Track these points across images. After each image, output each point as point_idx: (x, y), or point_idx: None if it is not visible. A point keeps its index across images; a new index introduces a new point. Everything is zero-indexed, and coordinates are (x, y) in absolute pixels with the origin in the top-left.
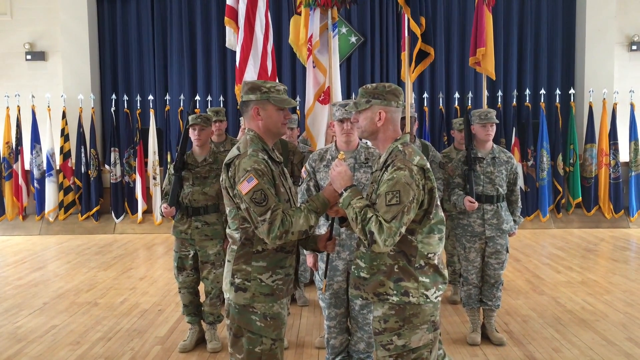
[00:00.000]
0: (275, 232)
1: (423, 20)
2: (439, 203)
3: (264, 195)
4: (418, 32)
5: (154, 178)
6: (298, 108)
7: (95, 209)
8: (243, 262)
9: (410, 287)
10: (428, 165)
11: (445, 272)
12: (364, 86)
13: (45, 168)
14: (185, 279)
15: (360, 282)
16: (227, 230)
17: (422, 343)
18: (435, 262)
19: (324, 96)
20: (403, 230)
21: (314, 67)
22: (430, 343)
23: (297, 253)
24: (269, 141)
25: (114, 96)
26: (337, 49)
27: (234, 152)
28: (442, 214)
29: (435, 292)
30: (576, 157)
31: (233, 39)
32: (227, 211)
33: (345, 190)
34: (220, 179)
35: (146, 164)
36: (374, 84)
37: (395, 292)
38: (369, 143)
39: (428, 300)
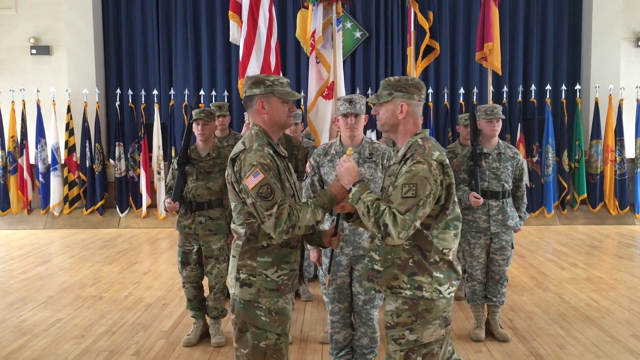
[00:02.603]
0: (282, 226)
1: (431, 15)
2: (456, 199)
3: (270, 189)
4: (426, 26)
5: (158, 173)
6: (302, 103)
7: (99, 204)
8: (248, 257)
9: (424, 281)
10: (447, 161)
11: (459, 269)
12: (386, 79)
13: (50, 162)
14: (189, 274)
15: (373, 274)
16: (232, 226)
17: (433, 338)
18: (450, 257)
19: (328, 91)
20: (417, 224)
21: (317, 62)
22: (441, 339)
23: (302, 248)
24: (274, 135)
25: (118, 91)
26: (341, 43)
27: (239, 146)
28: (459, 211)
29: (448, 288)
30: (582, 153)
31: (237, 34)
32: (232, 206)
33: (353, 185)
34: (226, 174)
35: (150, 158)
36: (396, 77)
37: (408, 286)
38: (374, 138)
39: (441, 295)
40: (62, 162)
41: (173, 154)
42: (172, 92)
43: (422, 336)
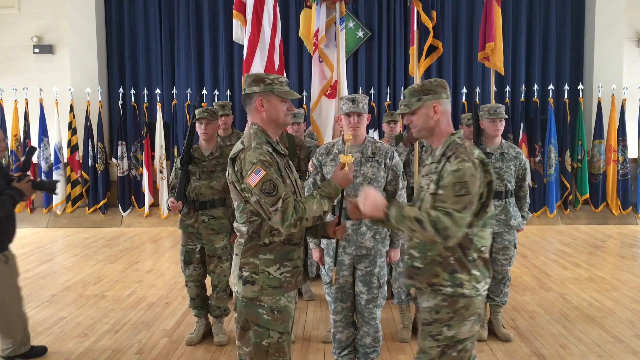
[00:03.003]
0: (289, 219)
1: (434, 14)
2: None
3: (273, 185)
4: (430, 25)
5: (161, 172)
6: (304, 102)
7: (102, 202)
8: (251, 255)
9: (464, 279)
10: (487, 159)
11: (490, 266)
12: (409, 87)
13: (52, 161)
14: (192, 273)
15: (414, 271)
16: (235, 224)
17: (469, 334)
18: (486, 255)
19: (331, 90)
20: (468, 220)
21: (320, 61)
22: (476, 334)
23: (305, 246)
24: (272, 133)
25: (121, 90)
26: (344, 43)
27: (238, 146)
28: (494, 210)
29: (484, 285)
30: (584, 153)
31: (240, 33)
32: (234, 205)
33: (388, 209)
34: (226, 174)
35: (153, 157)
36: (419, 83)
37: (449, 283)
38: (376, 137)
39: (478, 292)
40: (65, 161)
41: (175, 153)
42: (174, 91)
43: (459, 332)
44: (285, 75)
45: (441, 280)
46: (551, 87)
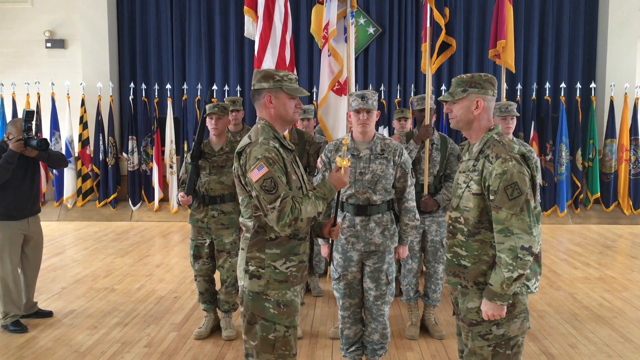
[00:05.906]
0: (285, 219)
1: (447, 11)
2: (537, 194)
3: (274, 183)
4: (442, 22)
5: (171, 167)
6: (315, 98)
7: (112, 197)
8: (257, 249)
9: None
10: (527, 153)
11: (541, 262)
12: (458, 76)
13: (64, 154)
14: (201, 267)
15: (460, 270)
16: (240, 219)
17: (520, 331)
18: (536, 251)
19: (340, 86)
20: (529, 219)
21: (329, 55)
22: (526, 330)
23: (310, 240)
24: (280, 129)
25: (132, 85)
26: (354, 38)
27: (245, 140)
28: (539, 206)
29: (535, 283)
30: (596, 152)
31: (252, 28)
32: (239, 200)
33: (496, 298)
34: (233, 168)
35: (163, 152)
36: (468, 74)
37: None
38: (386, 134)
39: (529, 290)
40: (76, 155)
41: (185, 148)
42: (185, 86)
43: (509, 330)
44: (295, 71)
45: (488, 279)
46: (563, 85)
